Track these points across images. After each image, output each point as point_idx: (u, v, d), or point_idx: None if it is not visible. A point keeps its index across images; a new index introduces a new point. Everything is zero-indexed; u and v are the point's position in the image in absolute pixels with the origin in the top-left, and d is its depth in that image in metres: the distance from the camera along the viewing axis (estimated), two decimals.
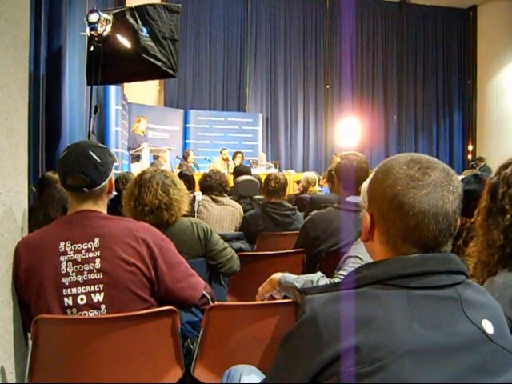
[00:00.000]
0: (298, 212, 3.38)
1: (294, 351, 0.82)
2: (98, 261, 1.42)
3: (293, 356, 0.82)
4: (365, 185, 1.61)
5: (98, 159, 1.48)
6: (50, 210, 2.24)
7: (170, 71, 4.87)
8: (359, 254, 1.71)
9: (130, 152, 7.42)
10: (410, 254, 0.83)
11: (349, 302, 0.79)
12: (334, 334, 0.76)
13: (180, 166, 7.70)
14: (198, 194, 3.35)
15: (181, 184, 2.11)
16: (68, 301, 1.40)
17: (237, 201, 3.67)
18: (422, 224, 0.81)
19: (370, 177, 0.92)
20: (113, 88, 7.24)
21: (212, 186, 3.37)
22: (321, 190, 5.62)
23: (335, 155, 7.76)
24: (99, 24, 4.14)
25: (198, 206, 3.26)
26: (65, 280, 1.40)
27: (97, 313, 1.41)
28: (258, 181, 4.30)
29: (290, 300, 1.54)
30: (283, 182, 3.28)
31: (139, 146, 6.92)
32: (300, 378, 0.79)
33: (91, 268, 1.41)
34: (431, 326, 0.77)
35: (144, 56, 4.70)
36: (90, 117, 4.43)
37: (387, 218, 0.85)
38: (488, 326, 0.80)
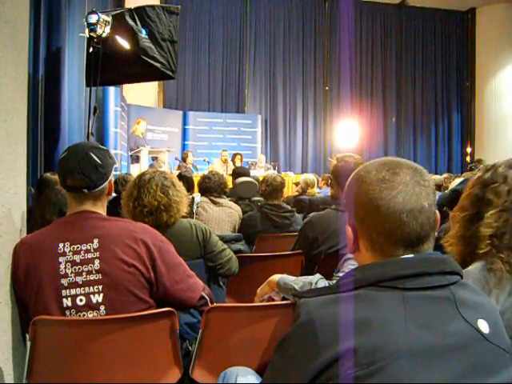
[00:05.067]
0: (296, 214, 3.38)
1: (290, 355, 0.82)
2: (97, 262, 1.41)
3: (289, 360, 0.82)
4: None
5: (98, 161, 1.48)
6: (47, 213, 2.24)
7: (169, 73, 4.87)
8: None
9: (130, 153, 7.43)
10: (397, 255, 0.84)
11: (344, 305, 0.80)
12: (330, 336, 0.76)
13: (179, 168, 7.71)
14: (197, 196, 3.35)
15: (180, 185, 2.11)
16: (67, 302, 1.40)
17: (235, 202, 3.67)
18: (402, 222, 0.83)
19: (344, 189, 0.95)
20: (112, 89, 7.24)
21: (211, 187, 3.37)
22: (319, 191, 5.63)
23: (331, 158, 7.76)
24: (98, 25, 4.14)
25: (197, 207, 3.26)
26: (64, 281, 1.40)
27: (96, 314, 1.41)
28: (256, 182, 4.30)
29: (288, 301, 1.54)
30: (279, 183, 3.28)
31: (138, 148, 6.93)
32: (296, 381, 0.79)
33: (90, 269, 1.41)
34: (427, 326, 0.77)
35: (143, 57, 4.70)
36: (89, 118, 4.43)
37: (367, 224, 0.87)
38: (483, 326, 0.80)
